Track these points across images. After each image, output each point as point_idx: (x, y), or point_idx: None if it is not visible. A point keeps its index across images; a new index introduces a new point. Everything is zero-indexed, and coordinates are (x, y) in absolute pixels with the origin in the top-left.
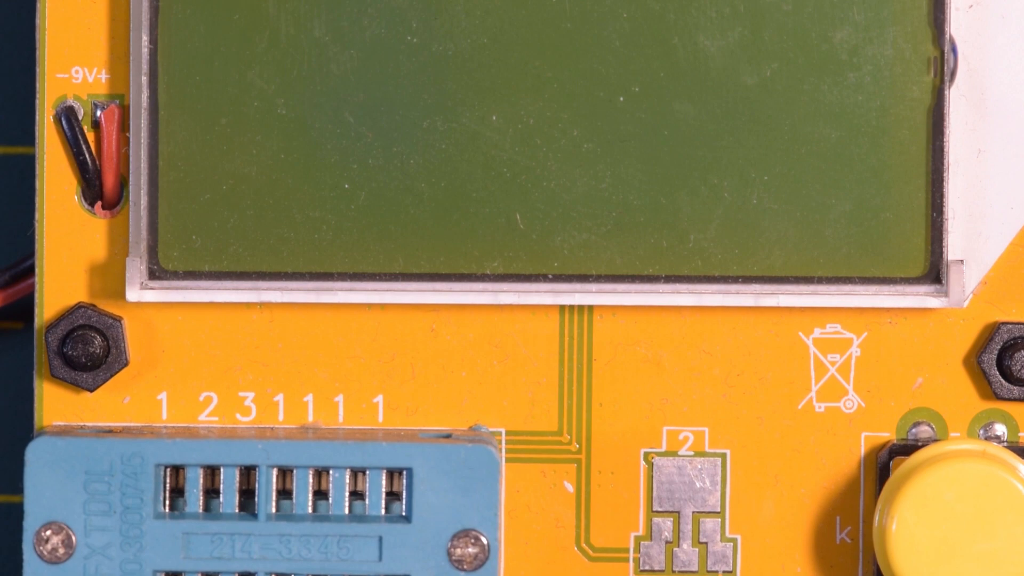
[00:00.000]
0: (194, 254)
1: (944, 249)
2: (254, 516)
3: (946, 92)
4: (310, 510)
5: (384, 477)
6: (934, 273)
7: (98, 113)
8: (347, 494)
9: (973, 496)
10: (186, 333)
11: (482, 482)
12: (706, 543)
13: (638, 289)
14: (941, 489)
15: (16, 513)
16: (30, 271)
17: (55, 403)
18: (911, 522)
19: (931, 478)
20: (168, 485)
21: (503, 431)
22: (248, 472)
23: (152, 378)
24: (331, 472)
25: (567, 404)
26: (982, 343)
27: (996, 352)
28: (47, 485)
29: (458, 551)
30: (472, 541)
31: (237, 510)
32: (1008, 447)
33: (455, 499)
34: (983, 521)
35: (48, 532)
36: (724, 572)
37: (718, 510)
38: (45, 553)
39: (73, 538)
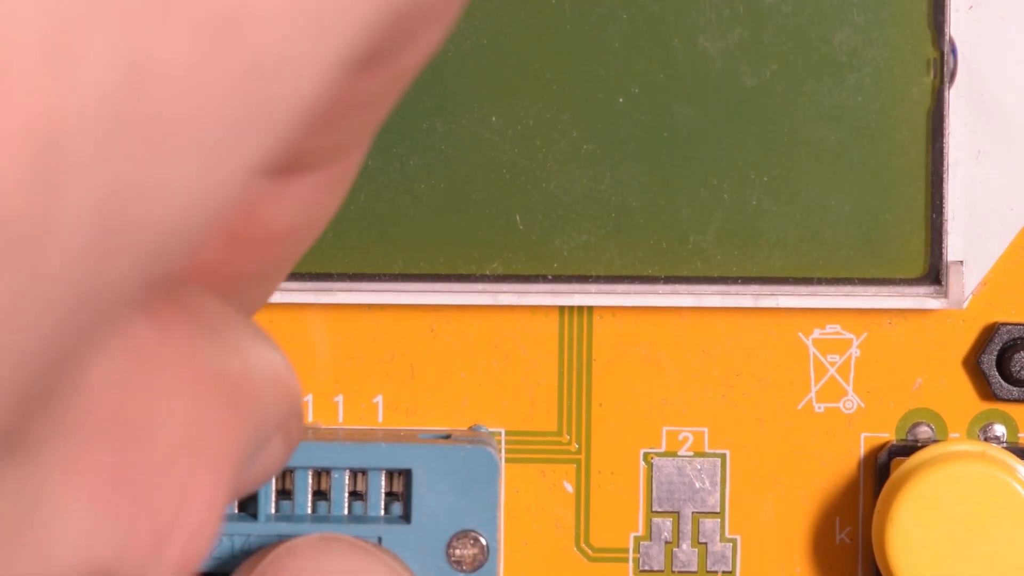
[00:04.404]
0: None
1: (944, 250)
2: (254, 516)
3: (946, 93)
4: (310, 511)
5: (384, 478)
6: (933, 274)
7: None
8: (347, 494)
9: (973, 497)
10: None
11: (481, 483)
12: (706, 543)
13: (638, 290)
14: (941, 490)
15: None
16: None
17: None
18: (911, 523)
19: (931, 479)
20: None
21: (503, 431)
22: None
23: None
24: (331, 472)
25: (567, 404)
26: (981, 344)
27: (995, 353)
28: None
29: (457, 552)
30: (471, 542)
31: (237, 510)
32: (1007, 448)
33: (454, 500)
34: (982, 522)
35: None
36: (723, 572)
37: (718, 510)
38: None
39: None
